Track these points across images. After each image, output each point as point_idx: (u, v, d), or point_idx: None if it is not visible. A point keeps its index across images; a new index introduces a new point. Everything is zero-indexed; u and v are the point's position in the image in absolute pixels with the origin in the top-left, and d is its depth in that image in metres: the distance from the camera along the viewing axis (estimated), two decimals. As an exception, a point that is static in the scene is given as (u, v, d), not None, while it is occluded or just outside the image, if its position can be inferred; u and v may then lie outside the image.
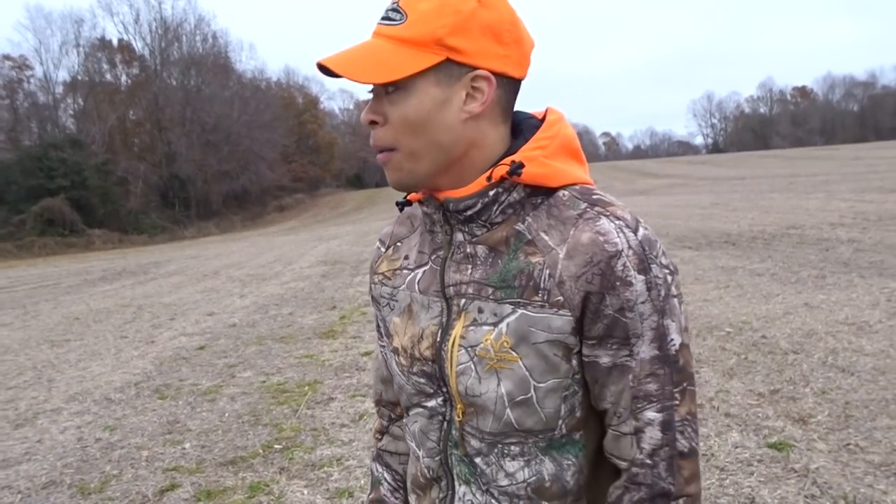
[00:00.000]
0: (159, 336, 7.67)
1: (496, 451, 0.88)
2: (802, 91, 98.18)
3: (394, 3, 0.83)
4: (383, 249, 1.03)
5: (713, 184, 28.55)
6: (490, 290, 0.85)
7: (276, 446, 3.94)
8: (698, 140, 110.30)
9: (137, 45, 49.51)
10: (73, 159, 36.35)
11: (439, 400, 0.92)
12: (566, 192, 0.86)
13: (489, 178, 0.84)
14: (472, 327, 0.86)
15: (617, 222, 0.82)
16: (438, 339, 0.89)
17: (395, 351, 0.96)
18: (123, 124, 48.49)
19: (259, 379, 5.43)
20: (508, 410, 0.85)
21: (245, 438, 4.11)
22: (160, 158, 45.94)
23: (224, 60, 52.93)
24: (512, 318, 0.83)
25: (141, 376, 5.84)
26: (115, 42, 49.49)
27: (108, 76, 49.63)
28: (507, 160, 0.84)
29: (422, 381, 0.92)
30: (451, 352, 0.87)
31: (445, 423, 0.92)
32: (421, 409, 0.95)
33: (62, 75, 48.29)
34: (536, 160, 0.84)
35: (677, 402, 0.83)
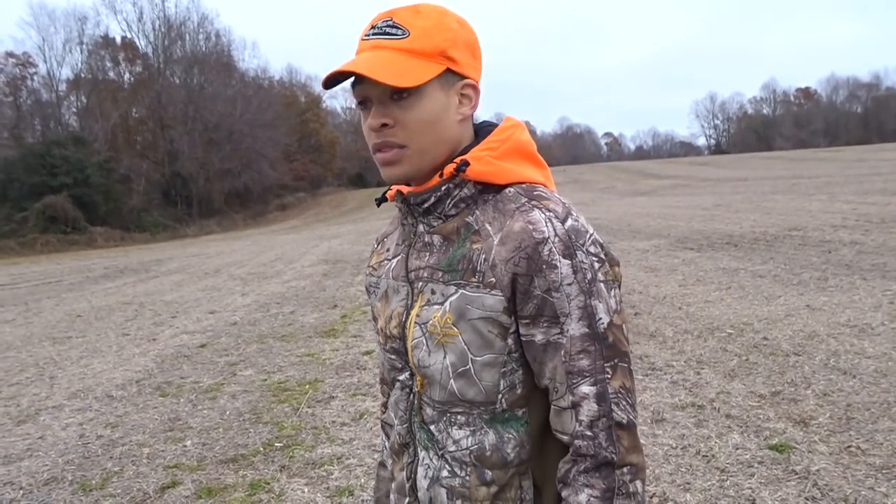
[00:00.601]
0: (161, 334, 7.68)
1: (445, 419, 0.99)
2: (806, 92, 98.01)
3: (386, 20, 0.94)
4: (376, 245, 1.18)
5: (715, 185, 28.52)
6: (440, 274, 0.97)
7: (276, 444, 3.94)
8: (701, 141, 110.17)
9: (140, 43, 49.57)
10: (75, 157, 36.37)
11: (407, 374, 1.05)
12: (512, 189, 0.97)
13: (440, 175, 0.96)
14: (425, 307, 0.98)
15: (547, 213, 0.93)
16: (403, 319, 1.02)
17: (377, 331, 1.10)
18: (126, 122, 48.50)
19: (260, 377, 5.43)
20: (452, 381, 0.96)
21: (246, 436, 4.12)
22: (162, 156, 45.97)
23: (227, 59, 52.96)
24: (454, 297, 0.95)
25: (142, 374, 5.85)
26: (118, 40, 49.55)
27: (112, 74, 49.69)
28: (458, 159, 0.96)
29: (393, 357, 1.06)
30: (408, 329, 1.00)
31: (412, 395, 1.04)
32: (397, 383, 1.08)
33: (65, 73, 48.42)
34: (483, 159, 0.96)
35: (609, 376, 0.90)
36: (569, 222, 0.92)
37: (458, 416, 0.98)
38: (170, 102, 46.95)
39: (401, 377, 1.06)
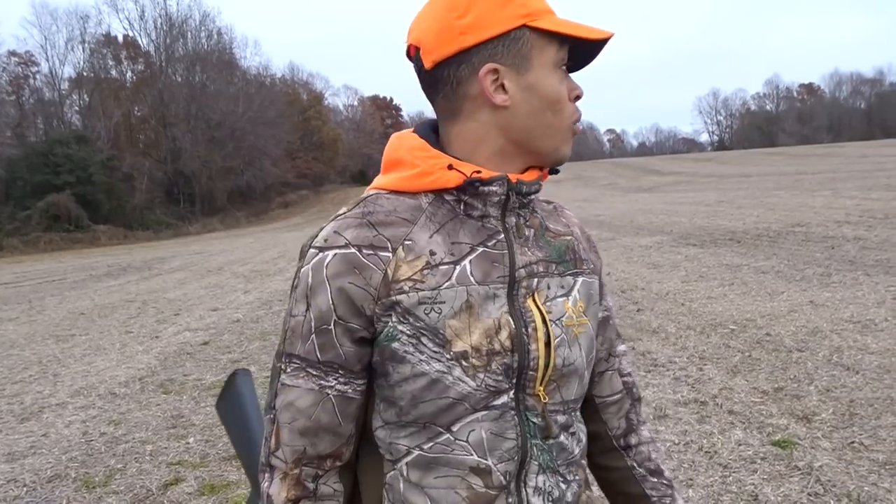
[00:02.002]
0: (164, 331, 7.70)
1: (574, 418, 0.96)
2: (809, 88, 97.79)
3: None
4: (388, 254, 0.85)
5: (718, 181, 28.48)
6: (553, 266, 0.93)
7: (279, 441, 3.94)
8: (704, 137, 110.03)
9: (143, 42, 49.61)
10: (78, 155, 36.42)
11: (510, 394, 0.86)
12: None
13: (541, 169, 0.95)
14: (549, 302, 0.91)
15: (568, 209, 1.07)
16: (514, 326, 0.86)
17: (461, 356, 0.84)
18: (128, 120, 48.58)
19: (263, 374, 5.44)
20: (586, 372, 0.95)
21: (249, 433, 4.12)
22: (165, 154, 46.03)
23: (229, 57, 52.98)
24: (578, 285, 0.95)
25: (145, 371, 5.86)
26: (120, 38, 49.60)
27: (114, 72, 49.72)
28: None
29: (500, 377, 0.85)
30: (542, 330, 0.88)
31: (517, 417, 0.87)
32: (484, 413, 0.85)
33: (68, 71, 48.56)
34: None
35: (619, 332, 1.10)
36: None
37: (577, 413, 0.97)
38: (172, 100, 46.98)
39: (498, 402, 0.86)
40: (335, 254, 0.86)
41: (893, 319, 5.25)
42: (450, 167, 0.87)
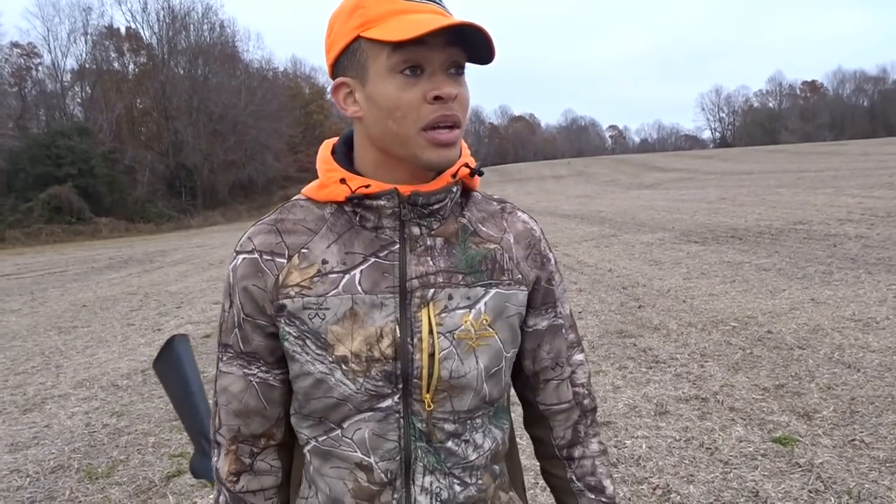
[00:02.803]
0: (166, 324, 7.71)
1: (468, 428, 0.94)
2: (812, 85, 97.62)
3: None
4: (282, 260, 0.92)
5: (720, 178, 28.45)
6: (460, 277, 0.92)
7: (281, 434, 3.96)
8: (706, 134, 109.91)
9: (145, 34, 49.53)
10: (80, 147, 36.42)
11: (395, 398, 0.90)
12: (478, 194, 1.01)
13: (454, 176, 0.93)
14: (444, 314, 0.90)
15: (526, 214, 1.03)
16: (399, 335, 0.89)
17: (342, 360, 0.89)
18: (130, 113, 48.54)
19: (265, 367, 5.45)
20: (485, 384, 0.93)
21: (251, 426, 4.13)
22: (167, 147, 46.01)
23: (231, 50, 52.88)
24: (487, 297, 0.92)
25: (148, 363, 5.87)
26: (122, 30, 49.55)
27: (116, 64, 49.66)
28: (463, 162, 0.94)
29: (380, 383, 0.89)
30: (428, 342, 0.89)
31: (402, 420, 0.91)
32: (370, 414, 0.91)
33: (70, 63, 48.51)
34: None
35: (580, 341, 1.08)
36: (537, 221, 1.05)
37: (477, 420, 0.95)
38: (174, 93, 46.93)
39: (383, 405, 0.90)
40: (243, 258, 0.94)
41: (895, 317, 5.25)
42: (342, 181, 0.92)
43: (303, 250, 0.92)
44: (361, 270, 0.90)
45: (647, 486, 3.00)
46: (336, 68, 0.91)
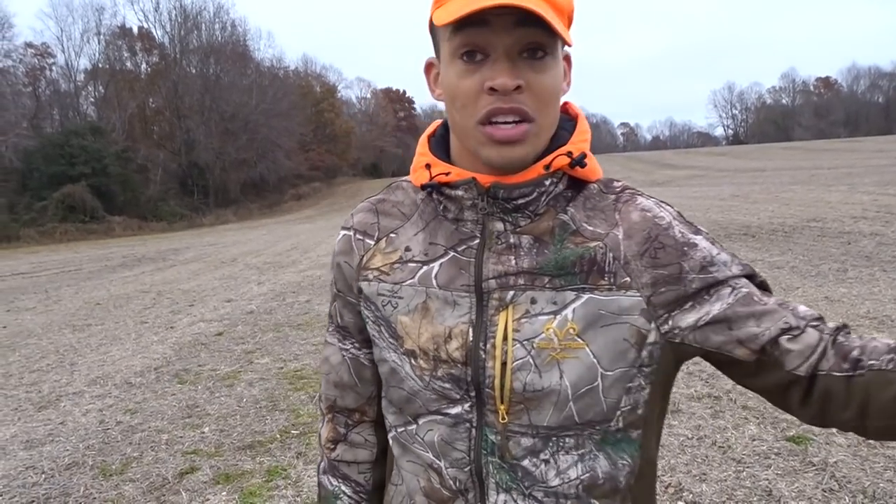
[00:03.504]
0: (178, 322, 7.76)
1: (550, 446, 0.82)
2: (826, 82, 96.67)
3: None
4: (370, 242, 0.91)
5: (733, 175, 28.27)
6: (546, 279, 0.80)
7: (293, 432, 3.98)
8: (718, 131, 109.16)
9: (157, 33, 49.78)
10: (93, 146, 36.67)
11: (466, 406, 0.83)
12: (595, 186, 0.86)
13: (547, 167, 0.81)
14: (524, 320, 0.80)
15: (652, 199, 0.85)
16: (471, 339, 0.81)
17: (410, 354, 0.85)
18: (143, 112, 48.83)
19: (276, 365, 5.48)
20: (572, 402, 0.80)
21: (263, 423, 4.15)
22: (179, 146, 46.26)
23: (243, 49, 53.07)
24: (577, 303, 0.79)
25: (161, 361, 5.91)
26: (135, 30, 49.84)
27: (129, 64, 49.95)
28: (563, 150, 0.82)
29: (447, 385, 0.83)
30: (501, 349, 0.80)
31: (474, 430, 0.83)
32: (440, 417, 0.85)
33: (83, 63, 48.76)
34: (588, 154, 0.84)
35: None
36: (671, 206, 0.87)
37: (567, 440, 0.82)
38: (186, 92, 47.16)
39: (452, 410, 0.84)
40: (343, 234, 0.95)
41: (910, 316, 5.20)
42: (427, 166, 0.86)
43: (391, 235, 0.90)
44: (441, 264, 0.85)
45: (660, 484, 2.99)
46: (434, 46, 0.86)
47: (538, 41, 0.75)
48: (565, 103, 0.90)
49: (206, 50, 49.50)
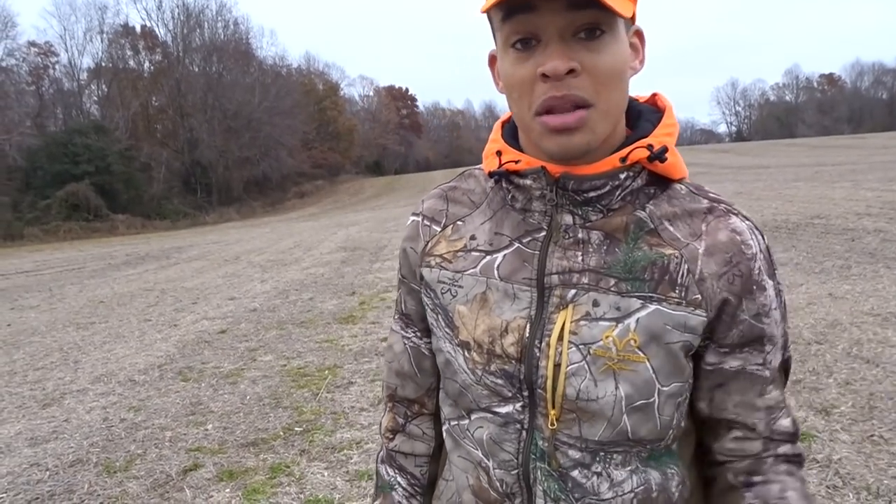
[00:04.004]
0: (182, 320, 7.77)
1: (599, 459, 0.80)
2: (830, 78, 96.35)
3: None
4: (437, 228, 0.89)
5: (736, 172, 28.19)
6: (612, 281, 0.76)
7: (296, 429, 3.98)
8: (722, 128, 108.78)
9: (160, 32, 49.86)
10: (97, 145, 36.75)
11: (517, 405, 0.81)
12: (683, 186, 0.82)
13: (623, 160, 0.77)
14: (584, 322, 0.76)
15: (747, 223, 0.80)
16: (528, 335, 0.79)
17: (464, 345, 0.83)
18: (146, 110, 48.90)
19: (280, 363, 5.48)
20: (626, 416, 0.77)
21: (266, 421, 4.16)
22: (182, 144, 46.32)
23: (245, 47, 53.13)
24: (642, 313, 0.75)
25: (164, 359, 5.92)
26: (138, 28, 49.90)
27: (132, 62, 50.03)
28: (643, 142, 0.77)
29: (499, 381, 0.81)
30: (556, 350, 0.77)
31: (524, 433, 0.81)
32: (490, 415, 0.83)
33: (86, 62, 48.99)
34: (671, 147, 0.79)
35: (785, 403, 0.84)
36: (764, 236, 0.81)
37: (616, 456, 0.79)
38: (189, 91, 47.22)
39: (502, 409, 0.82)
40: (412, 220, 0.93)
41: (915, 312, 5.18)
42: (498, 153, 0.83)
43: (458, 222, 0.88)
44: (504, 255, 0.82)
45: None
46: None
47: (594, 20, 0.71)
48: (654, 94, 0.87)
49: (208, 48, 49.55)
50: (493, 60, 0.83)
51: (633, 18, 0.77)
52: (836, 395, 3.73)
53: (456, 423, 0.89)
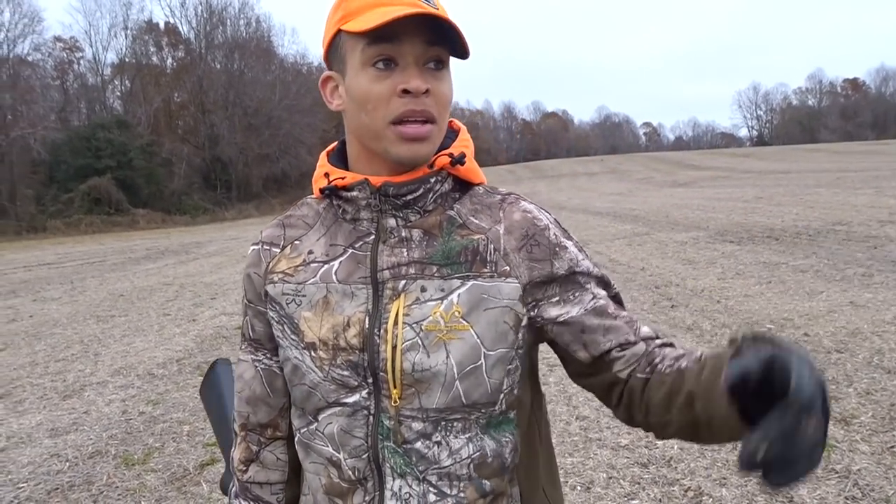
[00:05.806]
0: (200, 314, 7.85)
1: (440, 428, 0.88)
2: (854, 83, 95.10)
3: None
4: (276, 250, 0.98)
5: (757, 177, 27.93)
6: (435, 268, 0.88)
7: (312, 426, 4.00)
8: (743, 132, 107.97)
9: (183, 29, 50.25)
10: (119, 140, 37.15)
11: (363, 393, 0.89)
12: (480, 188, 0.96)
13: (430, 166, 0.90)
14: (415, 305, 0.87)
15: (534, 205, 0.96)
16: (367, 326, 0.88)
17: (311, 346, 0.91)
18: (168, 106, 49.32)
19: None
20: (458, 382, 0.86)
21: (282, 417, 4.19)
22: (203, 141, 46.66)
23: (266, 45, 53.39)
24: (462, 289, 0.87)
25: (183, 353, 5.99)
26: (161, 25, 50.38)
27: (155, 59, 50.51)
28: (446, 152, 0.91)
29: (346, 373, 0.89)
30: (392, 334, 0.87)
31: (371, 417, 0.89)
32: (339, 408, 0.90)
33: (111, 57, 49.51)
34: (468, 157, 0.94)
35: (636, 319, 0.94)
36: (550, 212, 0.98)
37: (456, 423, 0.88)
38: (211, 87, 47.55)
39: (350, 399, 0.89)
40: (252, 249, 1.02)
41: (938, 323, 5.11)
42: (325, 175, 0.95)
43: (295, 242, 0.97)
44: (340, 261, 0.92)
45: (679, 487, 2.97)
46: (328, 62, 0.93)
47: (441, 56, 0.87)
48: (450, 120, 0.99)
49: (230, 45, 49.87)
50: (326, 81, 0.94)
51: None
52: (856, 404, 3.69)
53: (305, 429, 0.96)
